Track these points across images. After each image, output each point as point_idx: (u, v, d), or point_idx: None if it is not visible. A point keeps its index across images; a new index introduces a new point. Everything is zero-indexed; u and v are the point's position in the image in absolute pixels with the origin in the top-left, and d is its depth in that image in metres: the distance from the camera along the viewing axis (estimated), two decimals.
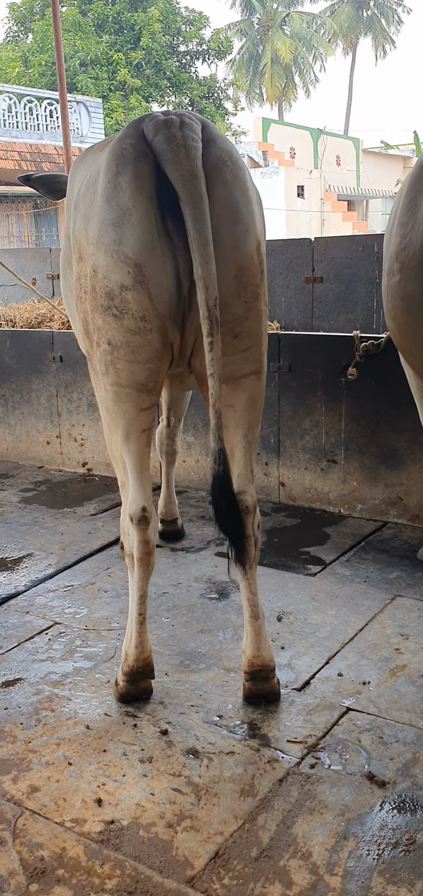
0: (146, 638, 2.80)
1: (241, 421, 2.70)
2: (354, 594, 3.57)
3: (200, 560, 4.05)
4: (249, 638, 2.76)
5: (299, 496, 4.70)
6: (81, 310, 2.73)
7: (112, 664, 3.11)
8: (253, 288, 2.60)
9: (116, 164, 2.49)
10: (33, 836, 2.25)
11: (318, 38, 41.43)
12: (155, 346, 2.56)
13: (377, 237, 6.14)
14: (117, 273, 2.49)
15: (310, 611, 3.44)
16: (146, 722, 2.73)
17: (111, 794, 2.39)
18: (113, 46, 27.15)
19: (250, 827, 2.24)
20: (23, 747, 2.63)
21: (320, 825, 2.23)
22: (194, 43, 29.43)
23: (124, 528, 2.78)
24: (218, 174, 2.50)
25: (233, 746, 2.58)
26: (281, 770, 2.46)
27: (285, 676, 2.93)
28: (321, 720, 2.69)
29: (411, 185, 2.68)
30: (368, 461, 4.41)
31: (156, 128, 2.50)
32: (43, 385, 5.71)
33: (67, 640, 3.32)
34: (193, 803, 2.34)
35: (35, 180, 4.35)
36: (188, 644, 3.23)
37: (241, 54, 41.19)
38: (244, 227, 2.55)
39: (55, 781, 2.46)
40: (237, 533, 2.56)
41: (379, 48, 43.34)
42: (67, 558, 4.16)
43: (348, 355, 4.35)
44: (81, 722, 2.75)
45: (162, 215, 2.47)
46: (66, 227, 2.99)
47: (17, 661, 3.17)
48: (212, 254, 2.41)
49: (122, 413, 2.65)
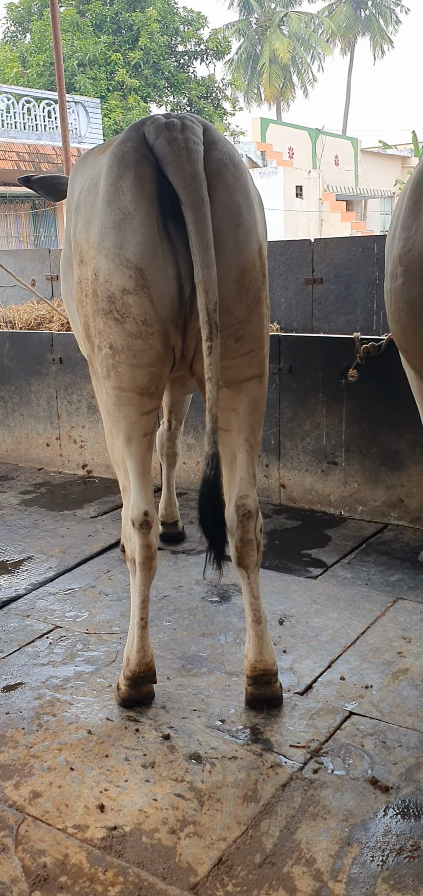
0: (148, 642, 2.79)
1: (243, 425, 2.69)
2: (355, 597, 3.56)
3: (202, 563, 4.01)
4: (251, 642, 2.75)
5: (299, 498, 4.69)
6: (82, 313, 2.72)
7: (113, 668, 3.10)
8: (255, 291, 2.60)
9: (118, 167, 2.48)
10: (36, 842, 2.24)
11: (316, 37, 41.43)
12: (157, 349, 2.55)
13: (377, 238, 6.14)
14: (119, 277, 2.48)
15: (312, 614, 3.44)
16: (148, 727, 2.72)
17: (114, 800, 2.38)
18: (111, 47, 27.14)
19: (253, 833, 2.23)
20: (24, 752, 2.62)
21: (324, 831, 2.22)
22: (193, 43, 29.42)
23: (126, 533, 2.77)
24: (220, 177, 2.49)
25: (236, 751, 2.57)
26: (284, 775, 2.45)
27: (287, 680, 2.93)
28: (324, 724, 2.68)
29: (414, 188, 2.67)
30: (369, 463, 4.40)
31: (157, 131, 2.49)
32: (42, 387, 5.70)
33: (68, 643, 3.30)
34: (196, 809, 2.33)
35: (35, 182, 4.34)
36: (190, 648, 3.22)
37: (239, 54, 41.19)
38: (246, 231, 2.54)
39: (57, 787, 2.45)
40: (219, 539, 2.54)
41: (377, 48, 43.35)
42: (68, 561, 4.14)
43: (349, 357, 4.34)
44: (82, 727, 2.74)
45: (164, 219, 2.46)
46: (67, 230, 2.98)
47: (18, 666, 3.16)
48: (213, 257, 2.40)
49: (123, 417, 2.64)
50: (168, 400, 4.04)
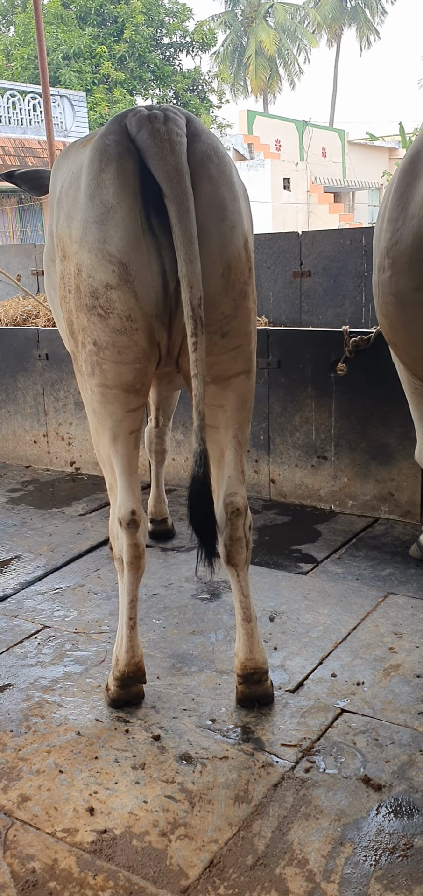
0: (137, 642, 2.76)
1: (231, 421, 2.66)
2: (346, 592, 3.54)
3: (191, 560, 4.00)
4: (241, 640, 2.72)
5: (289, 493, 4.67)
6: (66, 309, 2.67)
7: (103, 668, 3.06)
8: (241, 285, 2.56)
9: (99, 160, 2.44)
10: (24, 847, 2.21)
11: (302, 29, 41.34)
12: (142, 346, 2.52)
13: (364, 230, 6.11)
14: (102, 272, 2.44)
15: (302, 610, 3.41)
16: (138, 727, 2.69)
17: (103, 803, 2.35)
18: (96, 39, 26.98)
19: (245, 834, 2.21)
20: (13, 755, 2.59)
21: (316, 831, 2.20)
22: (178, 35, 29.28)
23: (113, 532, 2.73)
24: (203, 170, 2.45)
25: (226, 751, 2.54)
26: (276, 775, 2.43)
27: (278, 678, 2.90)
28: (316, 722, 2.66)
29: (400, 179, 2.64)
30: (358, 457, 4.38)
31: (139, 123, 2.45)
32: (29, 383, 5.65)
33: (57, 644, 3.27)
34: (187, 811, 2.30)
35: (18, 177, 4.28)
36: (180, 646, 3.19)
37: (225, 46, 41.04)
38: (231, 224, 2.50)
39: (46, 790, 2.42)
40: (210, 537, 2.50)
41: (364, 39, 43.28)
42: (56, 560, 4.10)
43: (338, 350, 4.31)
44: (71, 728, 2.70)
45: (147, 212, 2.42)
46: (50, 224, 2.93)
47: (5, 667, 3.12)
48: (197, 252, 2.36)
49: (109, 415, 2.61)
50: (156, 397, 4.00)
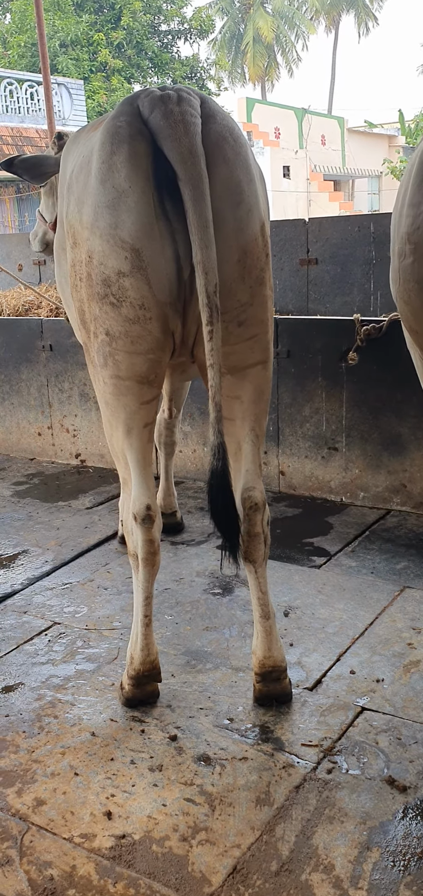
0: (152, 640, 2.70)
1: (248, 413, 2.58)
2: (361, 586, 3.47)
3: (202, 553, 3.94)
4: (259, 638, 2.66)
5: (299, 485, 4.60)
6: (77, 298, 2.60)
7: (116, 666, 3.00)
8: (258, 272, 2.48)
9: (111, 143, 2.36)
10: (41, 853, 2.15)
11: (300, 15, 41.05)
12: (155, 335, 2.44)
13: (373, 217, 6.03)
14: (114, 259, 2.36)
15: (317, 605, 3.35)
16: (154, 727, 2.62)
17: (121, 807, 2.29)
18: (93, 26, 26.74)
19: (268, 839, 2.15)
20: (26, 757, 2.52)
21: (341, 835, 2.14)
22: (176, 22, 29.04)
23: (128, 527, 2.66)
24: (219, 151, 2.37)
25: (246, 752, 2.48)
26: (297, 776, 2.37)
27: (295, 675, 2.84)
28: (336, 721, 2.60)
29: (421, 162, 2.56)
30: (370, 448, 4.31)
31: (152, 104, 2.37)
32: (33, 375, 5.57)
33: (68, 641, 3.20)
34: (208, 814, 2.24)
35: (18, 165, 4.16)
36: (194, 643, 3.12)
37: (222, 33, 40.72)
38: (247, 208, 2.42)
39: (62, 794, 2.36)
40: (233, 531, 2.43)
41: (362, 25, 42.96)
42: (64, 554, 4.04)
43: (349, 339, 4.23)
44: (85, 728, 2.64)
45: (160, 196, 2.34)
46: (60, 211, 2.85)
47: (16, 665, 3.05)
48: (212, 237, 2.28)
49: (122, 407, 2.53)
50: (168, 387, 3.92)
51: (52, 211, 4.48)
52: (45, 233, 4.58)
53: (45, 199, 4.52)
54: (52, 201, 4.47)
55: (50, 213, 4.50)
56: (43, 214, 4.58)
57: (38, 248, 4.75)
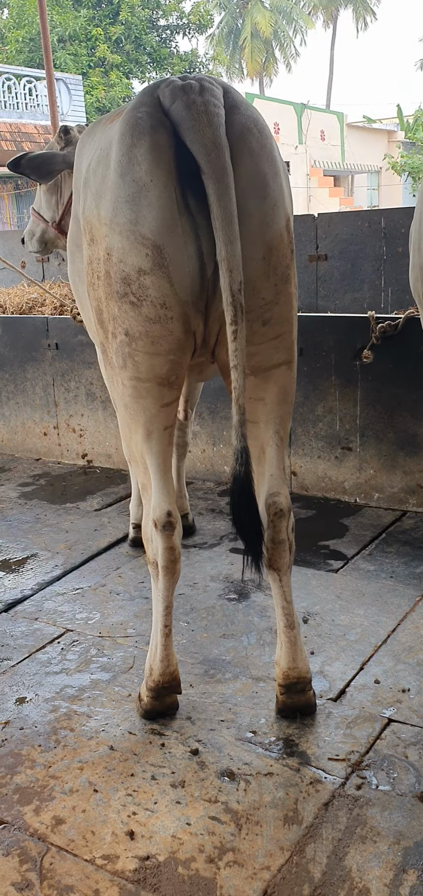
0: (172, 651, 2.61)
1: (272, 416, 2.49)
2: (381, 591, 3.39)
3: (215, 557, 3.86)
4: (283, 648, 2.57)
5: (312, 486, 4.51)
6: (94, 297, 2.50)
7: (131, 675, 2.91)
8: (283, 269, 2.39)
9: (131, 134, 2.26)
10: (62, 876, 2.06)
11: (298, 10, 40.89)
12: (177, 335, 2.35)
13: (383, 212, 5.92)
14: (134, 256, 2.27)
15: (337, 611, 3.26)
16: (174, 741, 2.53)
17: (143, 826, 2.20)
18: (91, 21, 26.58)
19: (298, 860, 2.06)
20: (43, 773, 2.44)
21: (375, 856, 2.06)
22: (174, 17, 28.88)
23: (147, 534, 2.56)
24: (243, 143, 2.28)
25: (271, 766, 2.39)
26: (326, 792, 2.28)
27: (318, 685, 2.75)
28: (363, 734, 2.51)
29: None
30: (385, 448, 4.22)
31: (173, 94, 2.27)
32: (38, 374, 5.47)
33: (81, 649, 3.11)
34: (234, 833, 2.16)
35: (25, 164, 4.04)
36: (211, 651, 3.03)
37: (220, 28, 40.54)
38: (273, 202, 2.33)
39: (81, 812, 2.27)
40: (256, 538, 2.33)
41: (360, 20, 42.81)
42: (74, 558, 3.94)
43: (363, 337, 4.15)
44: (103, 742, 2.55)
45: (182, 190, 2.24)
46: (74, 207, 2.76)
47: (29, 675, 2.96)
48: (237, 232, 2.19)
49: (142, 410, 2.44)
50: (184, 388, 3.82)
51: (54, 208, 4.33)
52: (44, 231, 4.42)
53: (47, 197, 4.35)
54: (56, 198, 4.32)
55: (52, 211, 4.34)
56: (40, 212, 4.42)
57: (35, 248, 4.55)
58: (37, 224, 4.44)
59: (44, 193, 4.33)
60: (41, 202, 4.38)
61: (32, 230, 4.48)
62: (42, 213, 4.38)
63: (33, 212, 4.46)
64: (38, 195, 4.43)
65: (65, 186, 4.19)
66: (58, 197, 4.24)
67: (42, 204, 4.37)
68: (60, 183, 4.23)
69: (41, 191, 4.36)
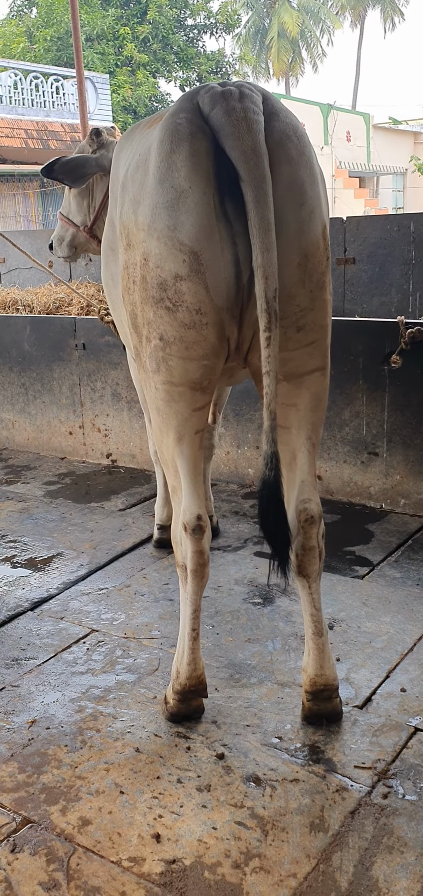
0: (199, 655, 2.61)
1: (304, 422, 2.49)
2: (408, 599, 3.37)
3: (239, 560, 3.86)
4: (311, 655, 2.56)
5: (337, 490, 4.50)
6: (129, 301, 2.51)
7: (157, 677, 2.92)
8: (319, 276, 2.39)
9: (170, 140, 2.27)
10: (89, 877, 2.07)
11: (325, 10, 40.71)
12: (211, 341, 2.35)
13: (413, 216, 5.89)
14: (171, 261, 2.28)
15: (363, 617, 3.25)
16: (200, 744, 2.54)
17: (169, 829, 2.21)
18: (119, 20, 26.67)
19: (325, 868, 2.06)
20: (69, 773, 2.45)
21: (402, 867, 2.05)
22: (202, 16, 28.89)
23: (176, 537, 2.57)
24: (282, 150, 2.27)
25: (296, 773, 2.39)
26: (352, 800, 2.27)
27: (344, 692, 2.74)
28: (389, 742, 2.50)
29: None
30: (413, 454, 4.20)
31: (213, 100, 2.27)
32: (65, 373, 5.50)
33: (107, 649, 3.13)
34: (260, 839, 2.16)
35: (58, 170, 4.03)
36: (236, 655, 3.04)
37: (247, 28, 40.47)
38: (310, 209, 2.33)
39: (107, 813, 2.28)
40: (284, 544, 2.32)
41: (388, 20, 42.55)
42: (99, 558, 3.96)
43: (392, 342, 4.12)
44: (129, 744, 2.56)
45: (221, 197, 2.25)
46: (110, 211, 2.77)
47: (55, 674, 2.98)
48: (274, 240, 2.19)
49: (174, 414, 2.44)
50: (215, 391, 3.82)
51: (85, 212, 4.31)
52: (74, 236, 4.40)
53: (78, 200, 4.32)
54: (88, 202, 4.30)
55: (83, 215, 4.32)
56: (69, 217, 4.40)
57: (64, 253, 4.52)
58: (66, 229, 4.41)
59: (74, 197, 4.31)
60: (71, 206, 4.36)
61: (61, 235, 4.46)
62: (72, 217, 4.36)
63: (61, 216, 4.44)
64: (66, 199, 4.41)
65: (97, 189, 4.18)
66: (89, 200, 4.23)
67: (72, 208, 4.35)
68: (92, 186, 4.22)
69: (71, 195, 4.33)
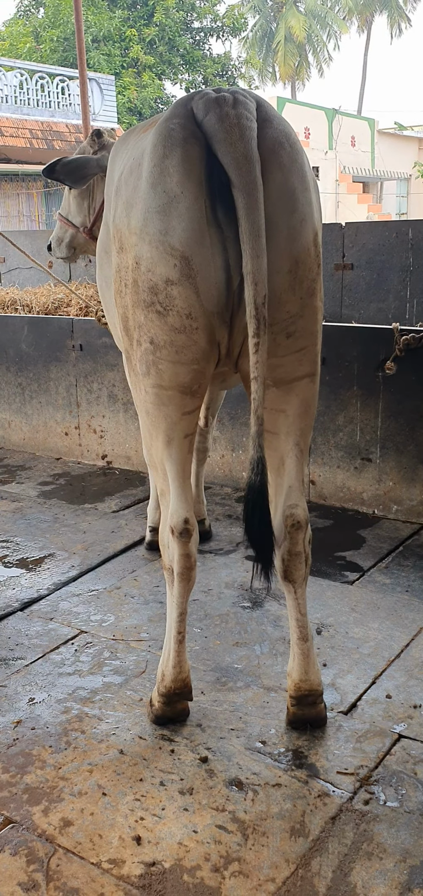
0: (185, 658, 2.62)
1: (293, 427, 2.49)
2: (396, 605, 3.38)
3: (230, 564, 3.86)
4: (296, 660, 2.57)
5: (330, 495, 4.50)
6: (121, 304, 2.52)
7: (144, 679, 2.92)
8: (309, 283, 2.39)
9: (163, 145, 2.27)
10: (68, 878, 2.08)
11: (332, 15, 40.76)
12: (201, 345, 2.36)
13: (411, 223, 5.90)
14: (163, 266, 2.28)
15: (351, 623, 3.25)
16: (184, 747, 2.54)
17: (150, 831, 2.21)
18: (126, 22, 26.73)
19: (303, 873, 2.06)
20: (53, 774, 2.46)
21: (380, 873, 2.05)
22: (208, 19, 28.94)
23: (164, 540, 2.58)
24: (274, 157, 2.28)
25: (279, 777, 2.39)
26: (333, 806, 2.28)
27: (329, 698, 2.74)
28: (372, 749, 2.51)
29: None
30: (405, 460, 4.20)
31: (207, 106, 2.28)
32: (62, 374, 5.52)
33: (95, 651, 3.13)
34: (240, 843, 2.16)
35: (60, 170, 4.02)
36: (224, 659, 3.04)
37: (253, 32, 40.53)
38: (301, 216, 2.33)
39: (89, 814, 2.29)
40: (267, 549, 2.33)
41: (395, 26, 42.58)
42: (91, 559, 3.97)
43: (387, 348, 4.13)
44: (113, 745, 2.57)
45: (212, 202, 2.25)
46: (105, 214, 2.78)
47: (42, 675, 2.99)
48: (264, 246, 2.20)
49: (163, 417, 2.45)
50: (207, 395, 3.83)
51: (85, 213, 4.31)
52: (74, 237, 4.39)
53: (78, 201, 4.31)
54: (88, 203, 4.30)
55: (82, 216, 4.32)
56: (68, 217, 4.40)
57: (63, 254, 4.51)
58: (65, 230, 4.40)
59: (74, 198, 4.30)
60: (71, 207, 4.35)
61: (60, 236, 4.46)
62: (71, 218, 4.35)
63: (60, 217, 4.43)
64: (65, 201, 4.41)
65: (97, 190, 4.17)
66: (89, 201, 4.22)
67: (72, 209, 4.35)
68: (92, 187, 4.21)
69: (71, 196, 4.33)
